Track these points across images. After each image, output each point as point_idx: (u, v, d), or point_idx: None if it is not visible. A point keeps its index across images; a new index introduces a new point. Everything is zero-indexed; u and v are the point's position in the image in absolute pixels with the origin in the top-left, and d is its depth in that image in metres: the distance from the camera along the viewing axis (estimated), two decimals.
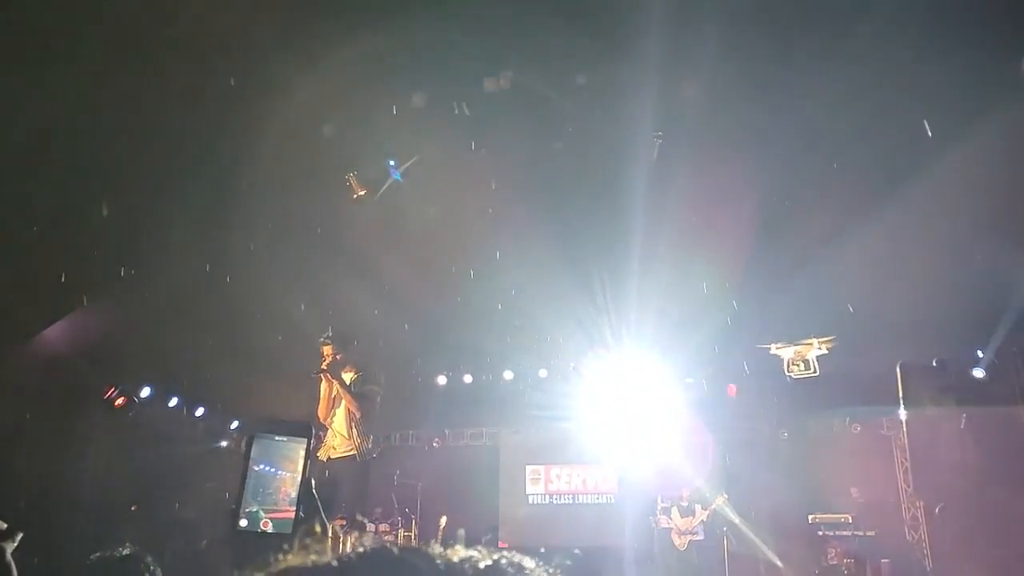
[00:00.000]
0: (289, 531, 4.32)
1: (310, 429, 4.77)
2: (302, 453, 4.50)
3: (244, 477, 4.40)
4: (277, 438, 4.56)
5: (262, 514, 4.39)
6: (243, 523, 4.35)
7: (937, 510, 11.39)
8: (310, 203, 8.96)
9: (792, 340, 12.19)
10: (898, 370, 11.56)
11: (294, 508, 4.42)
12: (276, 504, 4.44)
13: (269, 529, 4.35)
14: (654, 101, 7.35)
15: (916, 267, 9.14)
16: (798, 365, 12.27)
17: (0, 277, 7.96)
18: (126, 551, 2.67)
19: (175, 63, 6.47)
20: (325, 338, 6.48)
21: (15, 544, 2.95)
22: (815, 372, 12.18)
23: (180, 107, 6.96)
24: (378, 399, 6.54)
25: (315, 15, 6.41)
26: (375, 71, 6.93)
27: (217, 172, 7.87)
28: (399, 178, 8.40)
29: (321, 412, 6.52)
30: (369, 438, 6.43)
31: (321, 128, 7.77)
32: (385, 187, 8.50)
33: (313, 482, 5.38)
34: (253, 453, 4.45)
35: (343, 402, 6.42)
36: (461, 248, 9.87)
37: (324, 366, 6.39)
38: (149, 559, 2.65)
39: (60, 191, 7.51)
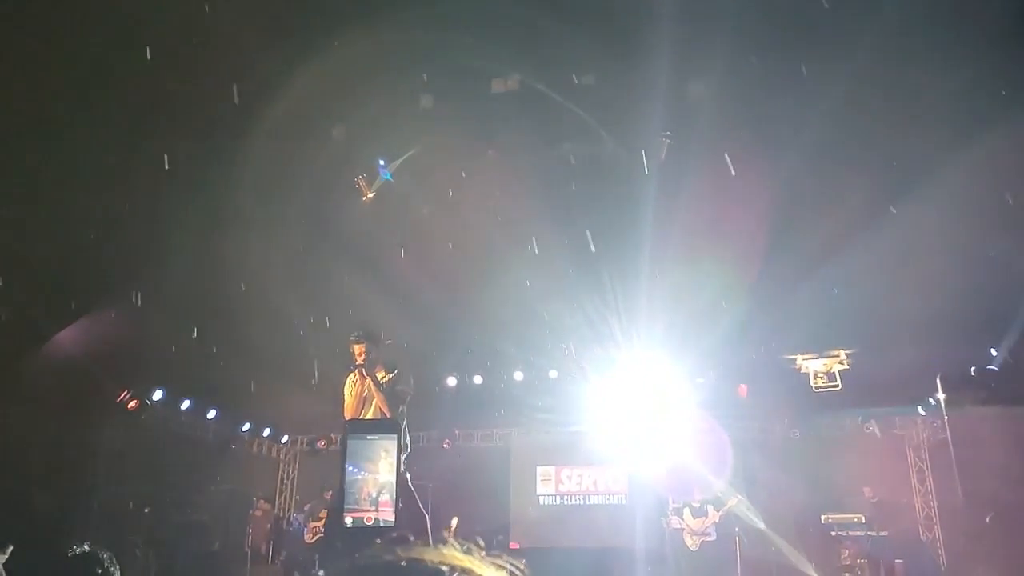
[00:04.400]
0: (392, 523, 4.41)
1: (398, 426, 4.82)
2: (382, 453, 4.59)
3: (343, 478, 4.51)
4: (369, 437, 4.66)
5: (360, 511, 4.52)
6: (349, 521, 4.48)
7: (988, 519, 11.24)
8: (320, 206, 8.99)
9: (819, 352, 12.19)
10: (938, 382, 11.40)
11: (374, 507, 4.51)
12: (358, 503, 4.52)
13: (372, 523, 4.44)
14: (664, 101, 7.33)
15: (932, 268, 9.06)
16: (822, 378, 12.29)
17: (13, 282, 8.02)
18: (83, 548, 2.53)
19: (176, 64, 6.50)
20: (357, 336, 6.46)
21: (6, 556, 2.94)
22: (838, 385, 12.21)
23: (185, 113, 7.00)
24: (408, 399, 6.52)
25: (319, 16, 6.43)
26: (386, 71, 6.95)
27: (230, 175, 7.90)
28: (389, 177, 8.40)
29: (349, 411, 6.41)
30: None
31: (331, 129, 7.79)
32: (393, 187, 8.53)
33: (408, 476, 5.35)
34: (348, 452, 4.57)
35: (374, 401, 6.34)
36: (471, 249, 9.86)
37: (360, 363, 6.37)
38: (105, 556, 2.48)
39: (70, 196, 7.55)
